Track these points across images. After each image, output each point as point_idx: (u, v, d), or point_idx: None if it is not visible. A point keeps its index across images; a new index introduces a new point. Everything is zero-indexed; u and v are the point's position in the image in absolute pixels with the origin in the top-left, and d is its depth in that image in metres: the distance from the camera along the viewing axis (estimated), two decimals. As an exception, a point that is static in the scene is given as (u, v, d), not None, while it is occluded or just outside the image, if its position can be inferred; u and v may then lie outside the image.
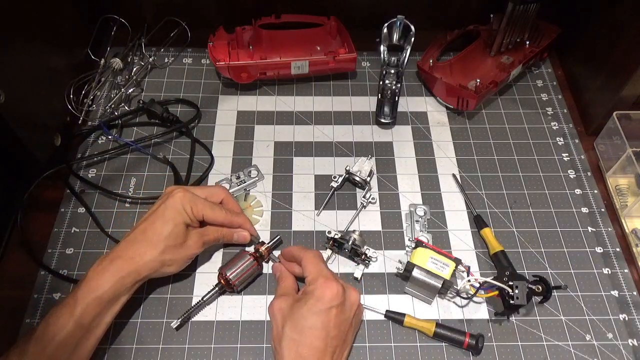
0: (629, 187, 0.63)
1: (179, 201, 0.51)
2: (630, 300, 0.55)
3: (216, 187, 0.57)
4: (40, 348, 0.43)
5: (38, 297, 0.54)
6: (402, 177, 0.65)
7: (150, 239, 0.49)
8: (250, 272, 0.54)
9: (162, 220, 0.50)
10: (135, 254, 0.48)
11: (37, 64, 0.61)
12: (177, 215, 0.50)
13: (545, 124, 0.71)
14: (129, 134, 0.68)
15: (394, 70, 0.70)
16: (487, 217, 0.61)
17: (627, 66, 0.62)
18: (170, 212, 0.50)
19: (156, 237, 0.49)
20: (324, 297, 0.46)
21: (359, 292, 0.50)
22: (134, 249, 0.49)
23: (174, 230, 0.50)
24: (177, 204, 0.51)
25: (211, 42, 0.70)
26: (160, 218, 0.50)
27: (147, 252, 0.49)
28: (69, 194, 0.62)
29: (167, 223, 0.50)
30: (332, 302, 0.45)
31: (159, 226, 0.50)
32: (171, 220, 0.50)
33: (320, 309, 0.45)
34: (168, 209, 0.51)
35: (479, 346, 0.51)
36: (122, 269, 0.47)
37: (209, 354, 0.51)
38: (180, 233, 0.50)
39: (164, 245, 0.49)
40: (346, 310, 0.47)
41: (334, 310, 0.45)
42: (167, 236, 0.49)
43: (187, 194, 0.52)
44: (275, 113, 0.71)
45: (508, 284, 0.51)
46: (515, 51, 0.73)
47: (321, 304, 0.45)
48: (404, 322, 0.52)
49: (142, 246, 0.49)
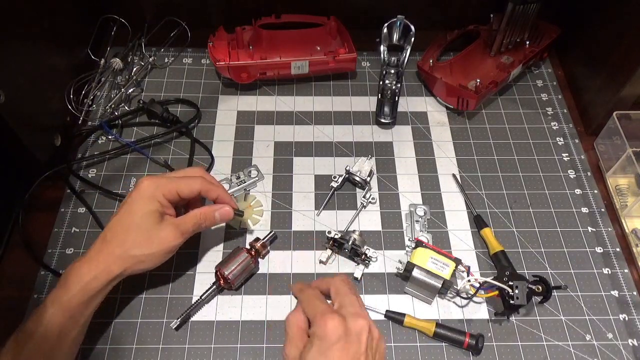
0: (629, 187, 0.63)
1: (145, 189, 0.49)
2: (630, 300, 0.55)
3: (192, 167, 0.54)
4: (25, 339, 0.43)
5: (38, 297, 0.54)
6: (402, 177, 0.65)
7: (118, 235, 0.47)
8: (246, 269, 0.54)
9: (129, 212, 0.48)
10: (104, 254, 0.47)
11: (37, 64, 0.61)
12: (144, 205, 0.48)
13: (545, 124, 0.71)
14: (129, 134, 0.68)
15: (394, 70, 0.70)
16: (487, 217, 0.61)
17: (627, 66, 0.62)
18: (136, 204, 0.48)
19: (123, 232, 0.47)
20: (325, 334, 0.42)
21: (366, 318, 0.44)
22: (102, 248, 0.47)
23: (141, 222, 0.47)
24: (143, 192, 0.48)
25: (211, 42, 0.70)
26: (127, 211, 0.48)
27: (116, 249, 0.47)
28: (69, 194, 0.62)
29: (134, 214, 0.48)
30: (334, 335, 0.42)
31: (126, 219, 0.48)
32: (139, 210, 0.48)
33: (325, 348, 0.42)
34: (134, 200, 0.48)
35: (478, 346, 0.51)
36: (90, 271, 0.46)
37: (209, 354, 0.51)
38: (149, 225, 0.48)
39: (132, 240, 0.47)
40: (352, 341, 0.42)
41: (338, 345, 0.42)
42: (135, 229, 0.47)
43: (153, 180, 0.49)
44: (275, 113, 0.71)
45: (508, 284, 0.51)
46: (515, 51, 0.73)
47: (325, 342, 0.42)
48: (404, 322, 0.52)
49: (110, 245, 0.47)
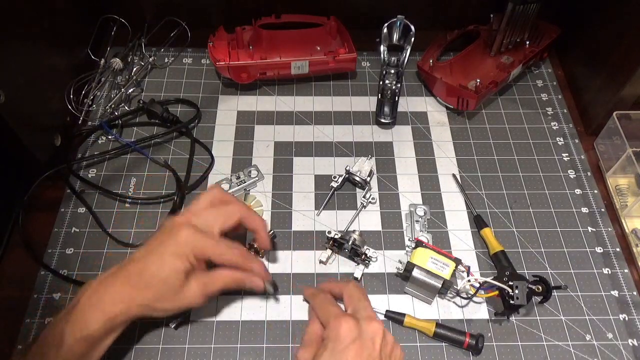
0: (629, 187, 0.63)
1: (183, 243, 0.45)
2: (630, 300, 0.55)
3: (232, 207, 0.50)
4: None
5: (38, 297, 0.54)
6: (402, 177, 0.65)
7: (143, 283, 0.45)
8: None
9: (159, 264, 0.45)
10: (127, 296, 0.44)
11: (37, 64, 0.61)
12: (177, 261, 0.45)
13: (545, 124, 0.71)
14: (129, 134, 0.68)
15: (394, 70, 0.70)
16: (487, 217, 0.61)
17: (627, 66, 0.62)
18: (169, 256, 0.45)
19: (150, 281, 0.45)
20: (338, 336, 0.42)
21: (380, 323, 0.44)
22: (125, 290, 0.44)
23: (169, 278, 0.45)
24: (180, 247, 0.45)
25: (211, 42, 0.70)
26: (158, 261, 0.45)
27: (139, 296, 0.45)
28: (69, 194, 0.62)
29: (163, 268, 0.45)
30: (348, 337, 0.42)
31: (155, 270, 0.45)
32: (169, 266, 0.45)
33: (339, 350, 0.42)
34: (168, 251, 0.45)
35: (479, 346, 0.51)
36: (112, 309, 0.44)
37: (209, 354, 0.51)
38: (177, 283, 0.45)
39: (158, 292, 0.45)
40: (366, 343, 0.42)
41: (353, 347, 0.42)
42: (162, 284, 0.45)
43: (193, 235, 0.46)
44: (275, 113, 0.71)
45: (508, 284, 0.51)
46: (515, 51, 0.73)
47: (339, 343, 0.42)
48: (404, 322, 0.52)
49: (134, 290, 0.44)
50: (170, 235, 0.46)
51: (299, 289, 0.55)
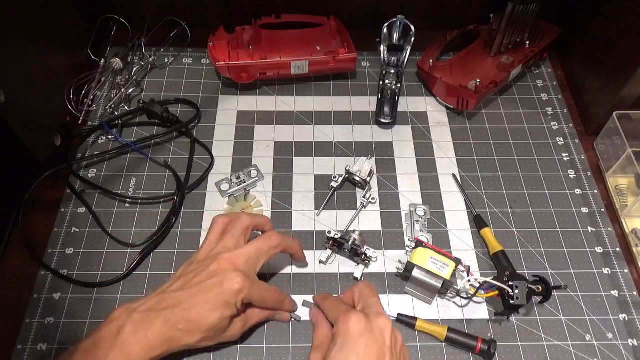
0: (629, 187, 0.63)
1: (235, 293, 0.45)
2: (630, 300, 0.55)
3: (273, 241, 0.50)
4: None
5: (38, 297, 0.54)
6: (402, 177, 0.65)
7: (191, 328, 0.44)
8: None
9: (210, 313, 0.44)
10: (172, 337, 0.44)
11: (37, 64, 0.61)
12: (228, 310, 0.45)
13: (545, 124, 0.71)
14: (129, 134, 0.68)
15: (394, 70, 0.70)
16: (487, 217, 0.61)
17: (627, 66, 0.62)
18: (221, 306, 0.44)
19: (199, 328, 0.44)
20: (347, 329, 0.42)
21: (388, 319, 0.44)
22: (171, 332, 0.43)
23: (219, 325, 0.45)
24: (232, 297, 0.45)
25: (211, 42, 0.70)
26: (208, 309, 0.44)
27: (184, 339, 0.44)
28: (69, 194, 0.62)
29: (213, 317, 0.44)
30: (356, 330, 0.42)
31: (204, 318, 0.44)
32: (220, 315, 0.44)
33: (347, 343, 0.42)
34: (219, 300, 0.44)
35: (491, 352, 0.50)
36: (156, 347, 0.43)
37: (209, 354, 0.51)
38: (225, 326, 0.46)
39: (205, 334, 0.45)
40: (376, 336, 0.42)
41: (363, 339, 0.42)
42: (211, 329, 0.45)
43: (243, 283, 0.45)
44: (275, 113, 0.71)
45: (508, 284, 0.51)
46: (515, 51, 0.73)
47: (348, 337, 0.42)
48: (416, 326, 0.52)
49: (180, 333, 0.44)
50: (220, 281, 0.45)
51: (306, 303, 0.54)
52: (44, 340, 0.51)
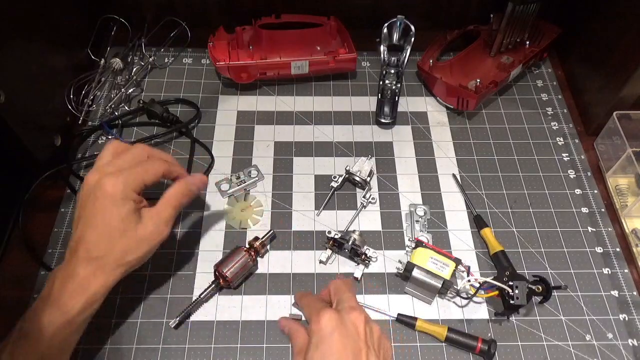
0: (629, 187, 0.63)
1: (113, 190, 0.44)
2: (630, 300, 0.55)
3: (137, 148, 0.49)
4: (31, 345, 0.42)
5: (38, 297, 0.54)
6: (402, 177, 0.65)
7: (104, 248, 0.44)
8: (245, 267, 0.54)
9: (104, 220, 0.44)
10: (98, 269, 0.44)
11: (37, 64, 0.61)
12: (119, 208, 0.44)
13: (545, 124, 0.71)
14: (129, 134, 0.68)
15: (394, 70, 0.70)
16: (487, 217, 0.61)
17: (627, 66, 0.62)
18: (110, 209, 0.44)
19: (108, 243, 0.44)
20: (319, 327, 0.42)
21: (362, 311, 0.44)
22: (94, 264, 0.44)
23: (123, 226, 0.44)
24: (112, 193, 0.44)
25: (211, 42, 0.70)
26: (102, 220, 0.44)
27: (108, 263, 0.44)
28: (69, 194, 0.62)
29: (111, 221, 0.44)
30: (328, 326, 0.42)
31: (104, 228, 0.44)
32: (115, 217, 0.44)
33: (323, 340, 0.42)
34: (104, 205, 0.44)
35: (491, 352, 0.50)
36: (91, 289, 0.43)
37: (208, 354, 0.51)
38: (132, 227, 0.45)
39: (121, 248, 0.45)
40: (350, 330, 0.42)
41: (336, 334, 0.42)
42: (120, 236, 0.44)
43: (116, 178, 0.44)
44: (275, 113, 0.71)
45: (508, 284, 0.51)
46: (515, 51, 0.73)
47: (321, 335, 0.42)
48: (416, 326, 0.52)
49: (101, 260, 0.44)
50: (96, 191, 0.44)
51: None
52: (44, 340, 0.51)
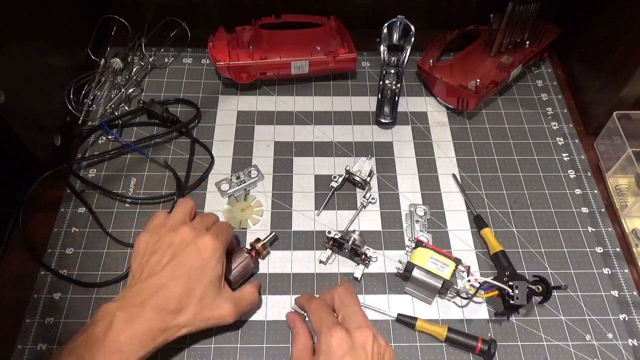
0: (629, 187, 0.63)
1: (214, 251, 0.46)
2: (630, 300, 0.55)
3: (211, 214, 0.53)
4: None
5: (38, 297, 0.54)
6: (402, 177, 0.65)
7: (183, 300, 0.44)
8: (246, 269, 0.54)
9: (195, 279, 0.45)
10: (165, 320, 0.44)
11: (37, 64, 0.61)
12: (213, 270, 0.46)
13: (545, 124, 0.71)
14: (129, 134, 0.68)
15: (394, 70, 0.70)
16: (487, 217, 0.61)
17: (627, 66, 0.62)
18: (206, 270, 0.45)
19: (189, 296, 0.45)
20: (330, 348, 0.42)
21: (370, 328, 0.44)
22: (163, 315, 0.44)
23: (208, 290, 0.45)
24: (212, 254, 0.46)
25: (211, 42, 0.70)
26: (194, 278, 0.45)
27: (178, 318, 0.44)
28: (69, 194, 0.62)
29: (200, 282, 0.45)
30: (339, 350, 0.42)
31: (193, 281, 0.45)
32: (205, 278, 0.45)
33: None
34: (202, 266, 0.45)
35: (491, 352, 0.50)
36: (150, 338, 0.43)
37: (208, 354, 0.51)
38: (214, 295, 0.46)
39: (198, 306, 0.45)
40: (359, 353, 0.42)
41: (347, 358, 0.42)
42: (200, 301, 0.45)
43: (217, 238, 0.46)
44: (275, 113, 0.71)
45: (508, 284, 0.51)
46: (515, 51, 0.73)
47: (330, 356, 0.42)
48: (416, 327, 0.52)
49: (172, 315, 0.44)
50: (193, 248, 0.46)
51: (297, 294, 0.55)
52: (44, 340, 0.51)
